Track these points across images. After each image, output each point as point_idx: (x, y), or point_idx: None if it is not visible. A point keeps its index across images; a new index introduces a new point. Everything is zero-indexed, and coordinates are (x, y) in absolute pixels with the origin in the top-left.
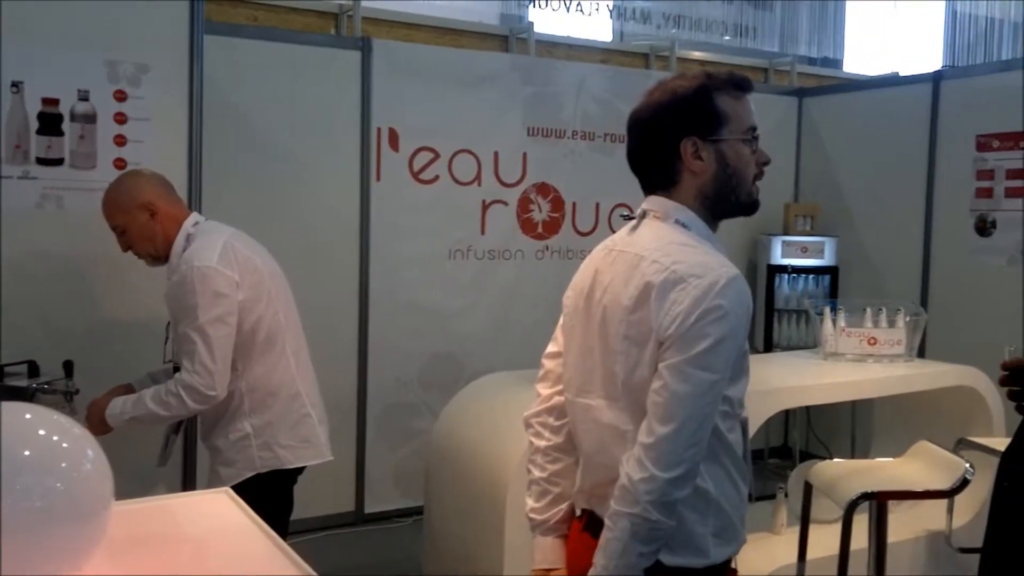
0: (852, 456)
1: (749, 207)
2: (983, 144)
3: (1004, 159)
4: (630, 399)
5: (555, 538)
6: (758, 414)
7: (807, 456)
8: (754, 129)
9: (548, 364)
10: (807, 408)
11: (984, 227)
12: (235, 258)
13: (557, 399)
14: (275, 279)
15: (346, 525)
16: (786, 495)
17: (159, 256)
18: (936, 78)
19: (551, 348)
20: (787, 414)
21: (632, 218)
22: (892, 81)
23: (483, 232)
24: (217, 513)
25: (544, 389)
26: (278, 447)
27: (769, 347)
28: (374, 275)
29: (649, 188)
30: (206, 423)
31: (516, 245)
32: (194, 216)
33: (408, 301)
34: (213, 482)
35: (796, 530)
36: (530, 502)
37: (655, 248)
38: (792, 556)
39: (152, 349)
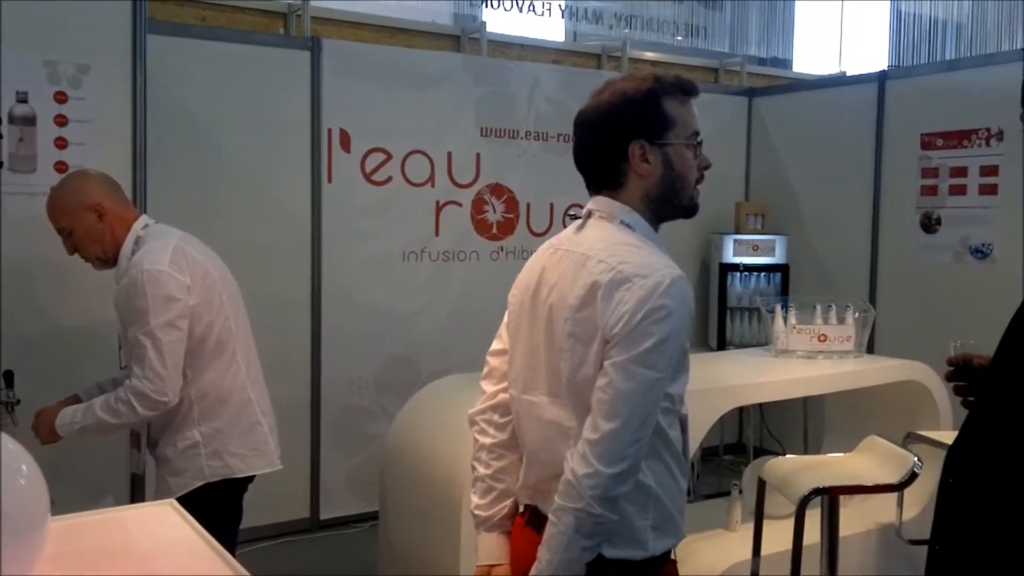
0: (805, 451)
1: (690, 210)
2: (927, 143)
3: (948, 157)
4: (574, 396)
5: (499, 534)
6: (711, 412)
7: (761, 452)
8: (697, 134)
9: (493, 361)
10: (760, 405)
11: (929, 224)
12: (186, 262)
13: (502, 396)
14: (226, 284)
15: (301, 532)
16: (740, 491)
17: (107, 259)
18: (881, 78)
19: (495, 346)
20: (741, 411)
21: (578, 218)
22: (839, 81)
23: (437, 233)
24: (162, 526)
25: (489, 386)
26: (228, 455)
27: (722, 345)
28: (327, 278)
29: (595, 188)
30: (153, 432)
31: (470, 246)
32: (144, 218)
33: (362, 304)
34: (161, 492)
35: (751, 526)
36: (475, 499)
37: (601, 248)
38: (747, 552)
39: (98, 356)
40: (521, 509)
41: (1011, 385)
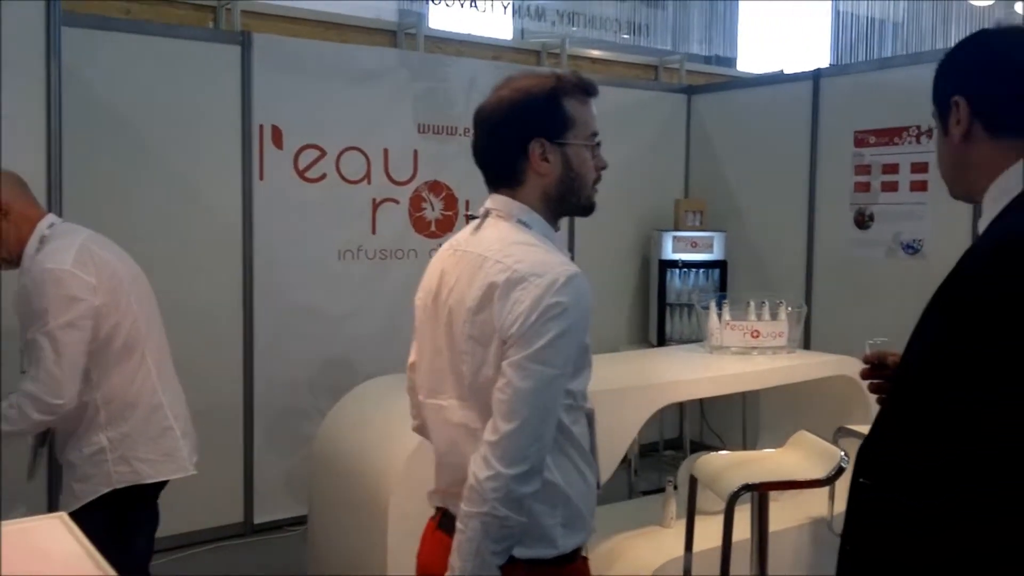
0: (744, 446)
1: (587, 209)
2: (860, 140)
3: (880, 154)
4: (477, 399)
5: None
6: (641, 409)
7: (702, 447)
8: (596, 134)
9: (411, 375)
10: (700, 400)
11: (863, 220)
12: (92, 261)
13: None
14: (136, 284)
15: (235, 537)
16: (675, 488)
17: (12, 260)
18: (815, 76)
19: (412, 357)
20: (681, 406)
21: (475, 217)
22: (776, 79)
23: (374, 231)
24: (47, 543)
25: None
26: (136, 461)
27: (662, 341)
28: (259, 278)
29: (494, 186)
30: (60, 437)
31: (409, 244)
32: (49, 217)
33: (296, 304)
34: (67, 500)
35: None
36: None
37: (498, 248)
38: (681, 549)
39: (5, 361)
40: (432, 512)
41: (913, 384)
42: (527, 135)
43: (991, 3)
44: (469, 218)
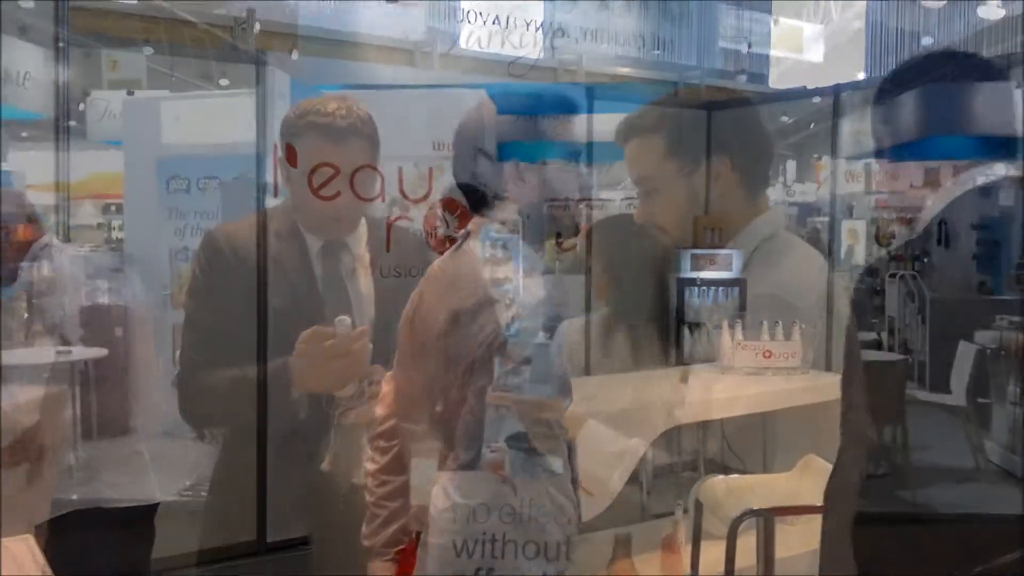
0: (764, 468)
1: (571, 231)
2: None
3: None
4: (444, 425)
5: (382, 561)
6: (647, 431)
7: (722, 468)
8: (579, 154)
9: (386, 387)
10: (721, 421)
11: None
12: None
13: (391, 422)
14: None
15: (247, 555)
16: (684, 511)
17: (11, 277)
18: (836, 92)
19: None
20: (700, 427)
21: (456, 239)
22: (797, 95)
23: (388, 249)
24: (9, 563)
25: (380, 411)
26: (99, 483)
27: (680, 360)
28: (272, 294)
29: (475, 207)
30: None
31: (423, 262)
32: (44, 239)
33: (310, 319)
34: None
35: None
36: (363, 528)
37: (468, 271)
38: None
39: None
40: (414, 535)
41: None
42: (503, 155)
43: (1001, 16)
44: (450, 239)
